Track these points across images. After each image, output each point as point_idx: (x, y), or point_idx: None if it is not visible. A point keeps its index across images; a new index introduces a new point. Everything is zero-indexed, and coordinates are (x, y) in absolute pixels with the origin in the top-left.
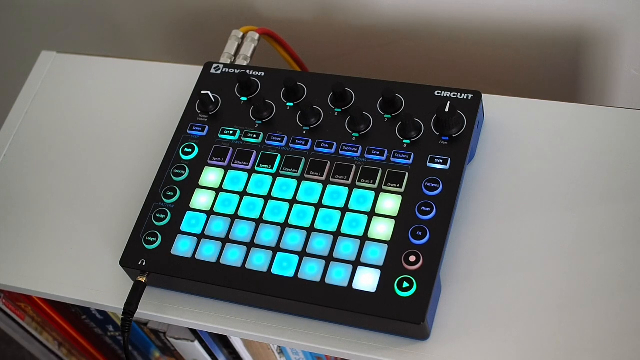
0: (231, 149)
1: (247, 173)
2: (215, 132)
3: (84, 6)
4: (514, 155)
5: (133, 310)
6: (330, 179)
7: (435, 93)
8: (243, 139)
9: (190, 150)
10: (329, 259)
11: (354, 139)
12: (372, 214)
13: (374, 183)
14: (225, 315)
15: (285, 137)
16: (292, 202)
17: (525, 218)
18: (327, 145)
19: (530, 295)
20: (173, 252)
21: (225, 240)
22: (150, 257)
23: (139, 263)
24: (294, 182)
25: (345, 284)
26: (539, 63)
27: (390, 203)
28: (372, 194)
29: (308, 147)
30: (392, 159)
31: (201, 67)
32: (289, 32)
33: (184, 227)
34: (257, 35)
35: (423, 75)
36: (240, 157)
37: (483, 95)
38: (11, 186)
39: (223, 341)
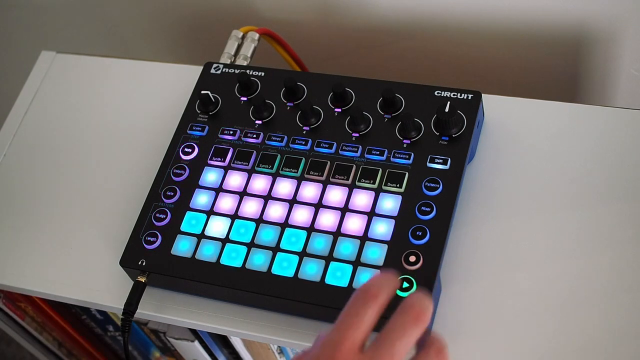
0: (231, 149)
1: (247, 173)
2: (215, 132)
3: (84, 6)
4: (514, 155)
5: (133, 310)
6: (330, 179)
7: (435, 93)
8: (243, 139)
9: (190, 150)
10: (329, 259)
11: (354, 139)
12: (372, 214)
13: (374, 183)
14: (225, 315)
15: (285, 137)
16: (292, 202)
17: (526, 218)
18: (327, 145)
19: (531, 295)
20: (173, 252)
21: (225, 240)
22: (150, 257)
23: (139, 263)
24: (294, 182)
25: (345, 284)
26: (539, 63)
27: (390, 203)
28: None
29: (308, 147)
30: (392, 159)
31: (201, 67)
32: (289, 32)
33: (184, 227)
34: (257, 35)
35: (423, 75)
36: (240, 157)
37: (483, 95)
38: (11, 186)
39: (223, 341)
